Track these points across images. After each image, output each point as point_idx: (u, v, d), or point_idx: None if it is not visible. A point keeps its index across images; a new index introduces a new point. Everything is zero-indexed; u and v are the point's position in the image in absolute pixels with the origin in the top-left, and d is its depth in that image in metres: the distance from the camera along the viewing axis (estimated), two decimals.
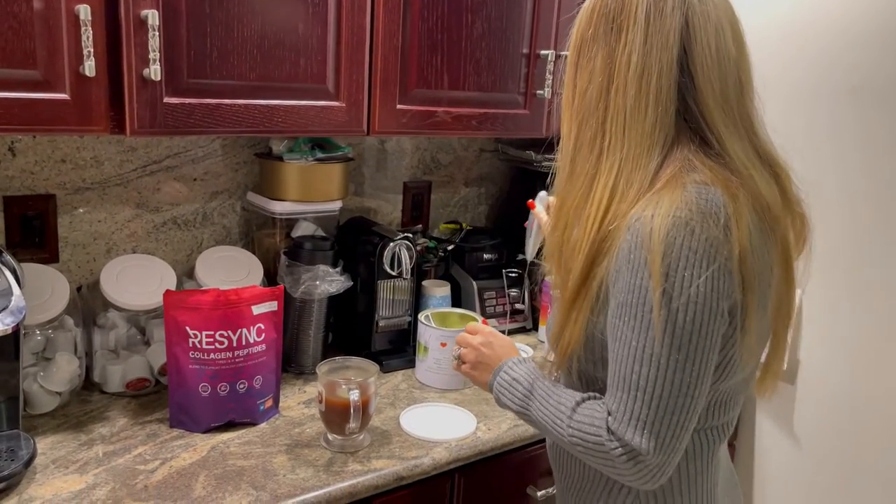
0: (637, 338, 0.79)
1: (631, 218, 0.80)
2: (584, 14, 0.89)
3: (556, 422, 0.87)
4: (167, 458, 1.13)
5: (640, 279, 0.78)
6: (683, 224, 0.77)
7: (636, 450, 0.79)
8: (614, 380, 0.82)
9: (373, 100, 1.33)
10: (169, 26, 1.07)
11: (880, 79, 1.46)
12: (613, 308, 0.82)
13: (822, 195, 1.56)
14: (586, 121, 0.87)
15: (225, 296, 1.19)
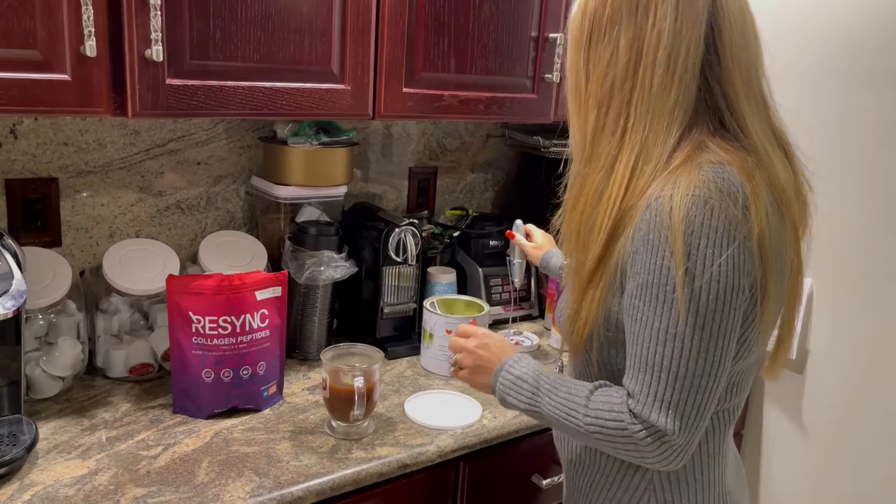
0: (659, 318, 0.78)
1: (650, 197, 0.80)
2: None
3: (570, 413, 0.86)
4: (170, 444, 1.12)
5: (660, 259, 0.78)
6: (703, 202, 0.77)
7: (661, 430, 0.79)
8: (635, 361, 0.81)
9: (378, 83, 1.31)
10: (171, 6, 1.05)
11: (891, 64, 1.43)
12: (632, 289, 0.81)
13: (836, 182, 1.54)
14: (608, 102, 0.85)
15: (228, 281, 1.18)
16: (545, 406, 0.89)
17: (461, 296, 1.57)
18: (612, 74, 0.84)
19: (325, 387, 1.16)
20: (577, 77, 0.89)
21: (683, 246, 0.76)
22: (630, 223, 0.81)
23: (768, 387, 1.72)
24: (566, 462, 1.03)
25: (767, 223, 0.80)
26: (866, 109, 1.48)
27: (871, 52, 1.46)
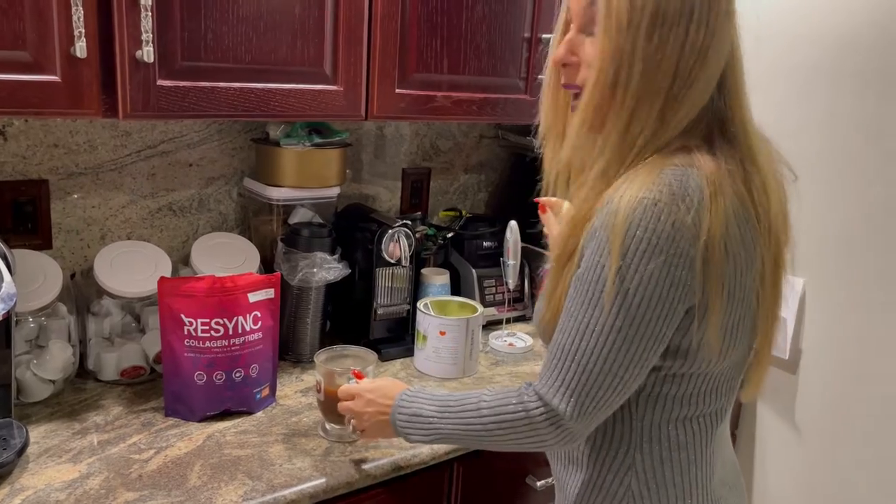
0: (585, 312, 0.80)
1: (607, 195, 0.80)
2: None
3: (468, 421, 0.89)
4: (162, 448, 1.11)
5: (599, 256, 0.79)
6: (652, 205, 0.76)
7: (557, 413, 0.82)
8: (554, 347, 0.83)
9: (371, 84, 1.30)
10: (162, 6, 1.04)
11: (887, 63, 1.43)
12: (572, 280, 0.83)
13: (826, 183, 1.55)
14: (651, 97, 0.80)
15: (220, 283, 1.17)
16: (445, 429, 0.91)
17: (455, 297, 1.57)
18: (660, 72, 0.79)
19: (320, 389, 1.15)
20: (623, 60, 0.80)
21: (621, 247, 0.76)
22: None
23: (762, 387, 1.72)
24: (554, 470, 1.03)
25: (723, 232, 0.78)
26: (854, 110, 1.48)
27: (859, 52, 1.47)
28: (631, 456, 0.89)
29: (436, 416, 0.92)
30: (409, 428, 0.95)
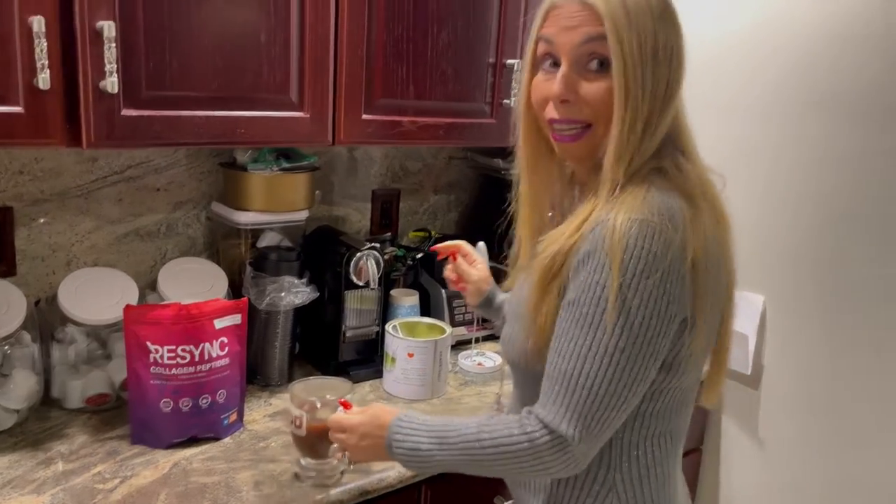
0: (586, 335, 0.81)
1: (596, 220, 0.83)
2: (667, 18, 0.86)
3: (471, 449, 0.88)
4: (127, 477, 1.11)
5: (598, 276, 0.81)
6: (645, 225, 0.80)
7: (564, 438, 0.82)
8: (552, 372, 0.84)
9: (338, 110, 1.32)
10: (126, 38, 1.05)
11: (844, 89, 1.48)
12: (564, 304, 0.85)
13: (784, 203, 1.59)
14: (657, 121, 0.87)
15: (186, 310, 1.17)
16: (446, 460, 0.90)
17: (424, 318, 1.58)
18: (651, 100, 0.85)
19: (300, 425, 1.08)
20: (633, 82, 0.84)
21: (620, 267, 0.79)
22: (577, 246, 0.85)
23: (726, 402, 1.76)
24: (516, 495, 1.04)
25: (704, 250, 0.83)
26: (810, 132, 1.53)
27: (814, 77, 1.52)
28: (611, 477, 0.91)
29: (435, 448, 0.90)
30: (409, 461, 0.93)
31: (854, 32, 1.45)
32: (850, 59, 1.46)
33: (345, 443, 1.00)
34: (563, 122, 0.89)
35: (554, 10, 0.89)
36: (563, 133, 0.90)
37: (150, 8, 1.07)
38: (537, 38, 0.91)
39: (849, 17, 1.45)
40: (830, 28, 1.48)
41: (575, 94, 0.87)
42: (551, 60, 0.90)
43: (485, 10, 1.47)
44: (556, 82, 0.87)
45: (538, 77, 0.92)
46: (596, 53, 0.85)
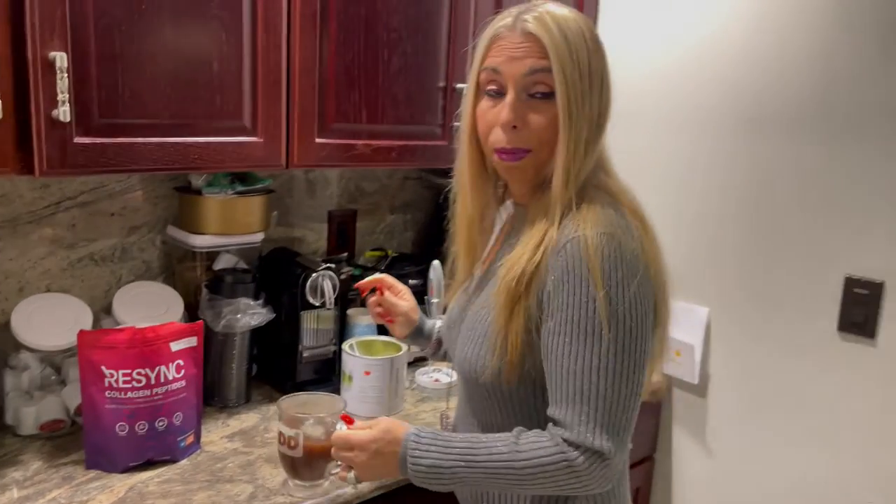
0: (588, 350, 0.86)
1: (561, 240, 0.89)
2: (598, 48, 0.94)
3: (501, 470, 0.88)
4: (83, 502, 1.11)
5: (582, 292, 0.86)
6: (611, 237, 0.87)
7: (601, 452, 0.86)
8: (564, 392, 0.87)
9: (291, 134, 1.35)
10: (78, 67, 1.07)
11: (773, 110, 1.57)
12: (553, 327, 0.88)
13: (724, 219, 1.67)
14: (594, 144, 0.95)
15: (142, 334, 1.19)
16: (471, 478, 0.90)
17: (380, 336, 1.61)
18: (590, 126, 0.93)
19: (295, 445, 1.04)
20: (576, 111, 0.91)
21: (602, 278, 0.85)
22: (543, 267, 0.90)
23: (676, 411, 1.82)
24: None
25: (655, 258, 0.92)
26: (752, 151, 1.61)
27: (748, 98, 1.60)
28: None
29: (459, 466, 0.90)
30: (427, 478, 0.92)
31: (779, 58, 1.54)
32: (775, 82, 1.55)
33: (353, 461, 0.96)
34: (510, 151, 0.94)
35: (498, 40, 0.94)
36: (510, 155, 0.95)
37: (102, 39, 1.09)
38: (482, 67, 0.96)
39: (773, 45, 1.54)
40: (759, 54, 1.57)
41: (522, 121, 0.93)
42: (495, 88, 0.95)
43: (434, 36, 1.52)
44: (505, 110, 0.93)
45: (483, 104, 0.97)
46: (541, 83, 0.91)
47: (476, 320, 1.00)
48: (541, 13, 0.92)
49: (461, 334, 1.04)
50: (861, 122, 1.44)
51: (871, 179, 1.43)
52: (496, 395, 0.99)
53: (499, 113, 0.93)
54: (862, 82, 1.43)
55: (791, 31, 1.52)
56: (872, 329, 1.45)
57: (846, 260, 1.48)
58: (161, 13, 1.14)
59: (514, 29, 0.93)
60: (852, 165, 1.45)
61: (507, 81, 0.93)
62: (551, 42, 0.90)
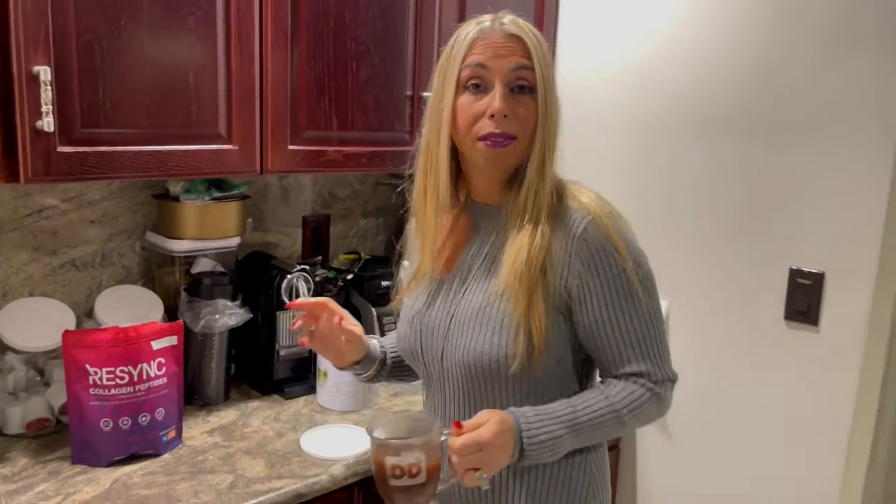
0: (635, 310, 1.03)
1: (574, 225, 1.01)
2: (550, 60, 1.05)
3: (605, 421, 1.02)
4: (69, 493, 1.16)
5: (616, 267, 1.01)
6: (615, 215, 1.04)
7: (673, 379, 1.06)
8: (638, 349, 1.03)
9: (265, 142, 1.42)
10: (61, 80, 1.13)
11: (719, 114, 1.67)
12: (597, 304, 1.01)
13: (679, 217, 1.77)
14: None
15: (124, 333, 1.25)
16: (578, 439, 1.01)
17: None
18: (559, 115, 1.06)
19: (416, 472, 0.93)
20: (554, 117, 1.04)
21: (626, 249, 1.02)
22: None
23: None
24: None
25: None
26: (702, 153, 1.71)
27: (695, 104, 1.70)
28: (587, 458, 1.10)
29: (568, 432, 0.99)
30: (541, 455, 0.98)
31: (723, 65, 1.64)
32: (720, 88, 1.65)
33: (482, 460, 0.95)
34: (499, 136, 1.02)
35: (482, 39, 1.03)
36: (497, 140, 1.02)
37: (83, 53, 1.15)
38: (465, 64, 1.03)
39: (718, 52, 1.64)
40: (705, 61, 1.67)
41: (511, 111, 1.02)
42: (476, 84, 1.03)
43: (400, 47, 1.60)
44: (497, 100, 1.01)
45: (465, 99, 1.03)
46: (523, 79, 1.02)
47: (483, 314, 1.03)
48: (515, 19, 1.04)
49: (463, 331, 1.05)
50: (799, 125, 1.54)
51: (810, 178, 1.53)
52: (521, 385, 1.03)
53: (486, 104, 1.02)
54: (799, 89, 1.54)
55: (734, 40, 1.62)
56: (815, 316, 1.55)
57: (790, 253, 1.58)
58: (139, 29, 1.21)
59: (496, 30, 1.02)
60: (793, 165, 1.56)
61: (495, 76, 1.01)
62: (532, 43, 1.02)
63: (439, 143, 1.06)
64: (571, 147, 2.06)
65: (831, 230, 1.51)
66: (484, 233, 1.11)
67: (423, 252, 1.13)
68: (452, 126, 1.04)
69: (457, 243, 1.14)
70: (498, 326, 1.02)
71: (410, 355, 1.15)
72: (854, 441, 1.52)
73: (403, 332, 1.15)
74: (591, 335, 1.03)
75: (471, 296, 1.07)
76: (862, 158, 1.46)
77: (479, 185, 1.11)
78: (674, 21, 1.73)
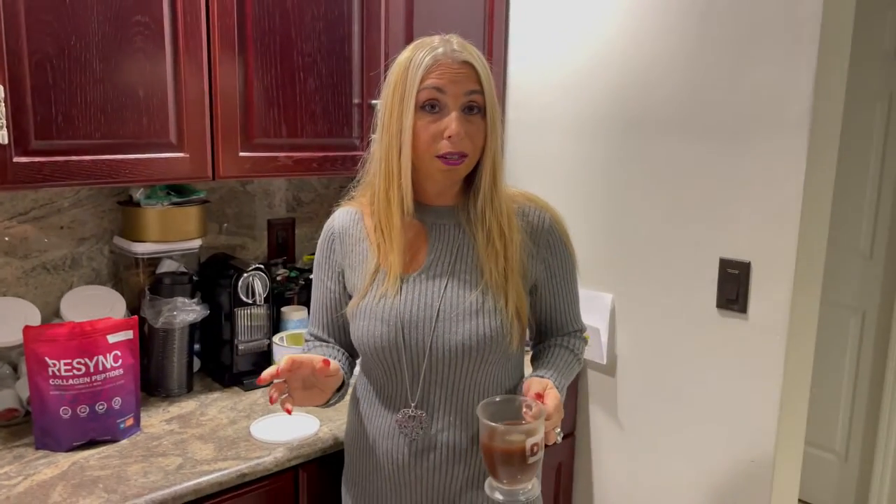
0: (575, 284, 1.33)
1: (539, 220, 1.24)
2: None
3: (575, 368, 1.32)
4: (30, 474, 1.27)
5: (568, 253, 1.29)
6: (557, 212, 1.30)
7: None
8: (575, 311, 1.34)
9: (216, 149, 1.52)
10: (15, 97, 1.24)
11: (652, 114, 1.75)
12: (560, 280, 1.28)
13: (620, 213, 1.85)
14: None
15: (80, 327, 1.35)
16: (563, 387, 1.25)
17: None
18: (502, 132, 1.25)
19: (536, 450, 1.03)
20: (499, 138, 1.21)
21: (570, 240, 1.30)
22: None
23: (591, 389, 1.98)
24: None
25: None
26: (639, 151, 1.79)
27: (633, 104, 1.79)
28: None
29: (563, 381, 1.25)
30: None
31: (653, 68, 1.72)
32: (653, 90, 1.74)
33: (560, 419, 1.13)
34: (455, 154, 1.15)
35: (438, 65, 1.14)
36: (452, 160, 1.15)
37: (35, 72, 1.26)
38: (422, 86, 1.14)
39: (648, 56, 1.73)
40: (637, 66, 1.76)
41: (464, 130, 1.15)
42: (432, 105, 1.14)
43: (347, 58, 1.70)
44: (454, 123, 1.14)
45: (422, 120, 1.15)
46: (473, 101, 1.15)
47: (477, 304, 1.17)
48: (463, 43, 1.17)
49: (457, 321, 1.16)
50: (722, 124, 1.62)
51: (734, 172, 1.61)
52: (503, 359, 1.22)
53: (445, 126, 1.14)
54: (720, 89, 1.62)
55: (662, 46, 1.71)
56: (744, 304, 1.62)
57: (719, 244, 1.66)
58: (88, 49, 1.32)
59: (449, 57, 1.14)
60: (718, 161, 1.64)
61: (450, 100, 1.14)
62: (482, 70, 1.16)
63: (400, 156, 1.16)
64: (521, 149, 2.17)
65: (754, 221, 1.59)
66: (442, 231, 1.23)
67: (391, 253, 1.20)
68: (412, 143, 1.15)
69: (414, 243, 1.23)
70: (496, 314, 1.18)
71: (385, 351, 1.18)
72: (782, 423, 1.60)
73: (376, 330, 1.18)
74: (551, 308, 1.30)
75: (458, 291, 1.19)
76: (778, 153, 1.54)
77: (432, 191, 1.23)
78: (610, 26, 1.82)
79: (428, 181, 1.21)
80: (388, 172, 1.18)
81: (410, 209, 1.19)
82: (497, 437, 1.03)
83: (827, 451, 2.97)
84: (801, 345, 1.60)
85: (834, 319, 2.84)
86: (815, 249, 1.59)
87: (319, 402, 1.17)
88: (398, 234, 1.20)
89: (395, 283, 1.20)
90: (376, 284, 1.21)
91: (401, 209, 1.19)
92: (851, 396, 2.89)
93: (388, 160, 1.18)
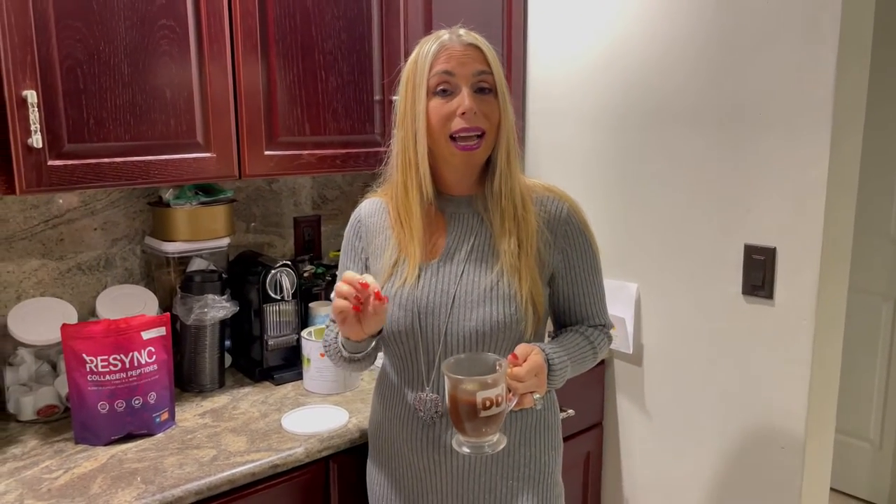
0: (599, 276, 1.31)
1: (559, 211, 1.24)
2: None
3: (588, 356, 1.27)
4: (70, 468, 1.31)
5: (589, 244, 1.28)
6: (575, 201, 1.29)
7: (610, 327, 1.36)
8: (598, 305, 1.31)
9: (242, 149, 1.56)
10: (48, 102, 1.28)
11: (668, 104, 1.75)
12: (580, 271, 1.26)
13: (645, 204, 1.85)
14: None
15: (115, 325, 1.39)
16: (571, 372, 1.23)
17: None
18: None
19: (500, 401, 1.05)
20: (512, 121, 1.23)
21: (591, 231, 1.28)
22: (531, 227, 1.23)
23: (618, 379, 1.98)
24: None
25: None
26: (659, 141, 1.79)
27: (649, 95, 1.78)
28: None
29: (569, 365, 1.21)
30: (559, 382, 1.20)
31: (666, 58, 1.72)
32: (668, 80, 1.73)
33: (537, 384, 1.12)
34: (471, 130, 1.17)
35: (444, 50, 1.18)
36: (469, 143, 1.18)
37: (66, 77, 1.30)
38: (432, 73, 1.18)
39: (662, 46, 1.73)
40: (652, 56, 1.76)
41: (477, 108, 1.17)
42: (444, 89, 1.18)
43: (368, 56, 1.72)
44: (466, 100, 1.17)
45: (435, 103, 1.18)
46: (483, 81, 1.18)
47: (494, 291, 1.19)
48: (469, 31, 1.20)
49: (473, 307, 1.19)
50: (745, 112, 1.61)
51: (758, 159, 1.60)
52: (513, 345, 1.19)
53: (456, 104, 1.17)
54: (742, 78, 1.61)
55: (680, 33, 1.70)
56: (770, 290, 1.62)
57: (744, 230, 1.65)
58: (117, 54, 1.36)
59: (455, 42, 1.18)
60: (738, 148, 1.63)
61: (460, 81, 1.17)
62: (489, 52, 1.19)
63: (416, 144, 1.19)
64: (543, 140, 2.17)
65: (779, 206, 1.58)
66: (461, 220, 1.25)
67: (410, 242, 1.23)
68: (427, 127, 1.18)
69: (434, 232, 1.26)
70: (510, 300, 1.19)
71: (402, 335, 1.22)
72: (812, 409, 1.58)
73: (394, 316, 1.21)
74: (570, 299, 1.28)
75: (473, 277, 1.21)
76: (802, 137, 1.52)
77: (452, 179, 1.25)
78: (626, 18, 1.82)
79: (446, 167, 1.23)
80: (406, 161, 1.22)
81: (430, 195, 1.21)
82: (458, 388, 1.04)
83: (861, 439, 2.94)
84: (829, 330, 1.59)
85: (866, 307, 2.80)
86: (841, 233, 1.57)
87: (371, 330, 1.13)
88: (417, 223, 1.22)
89: (414, 270, 1.22)
90: (397, 272, 1.24)
91: (420, 196, 1.21)
92: (885, 384, 2.85)
93: (405, 150, 1.22)
